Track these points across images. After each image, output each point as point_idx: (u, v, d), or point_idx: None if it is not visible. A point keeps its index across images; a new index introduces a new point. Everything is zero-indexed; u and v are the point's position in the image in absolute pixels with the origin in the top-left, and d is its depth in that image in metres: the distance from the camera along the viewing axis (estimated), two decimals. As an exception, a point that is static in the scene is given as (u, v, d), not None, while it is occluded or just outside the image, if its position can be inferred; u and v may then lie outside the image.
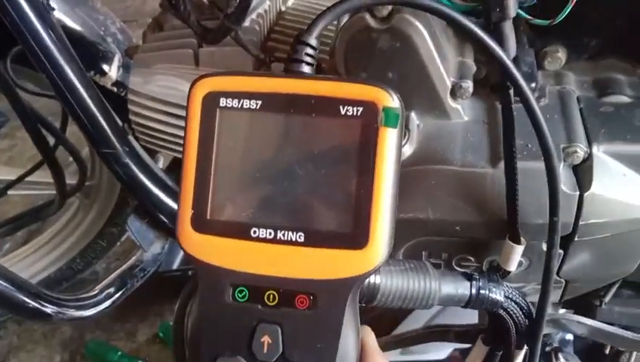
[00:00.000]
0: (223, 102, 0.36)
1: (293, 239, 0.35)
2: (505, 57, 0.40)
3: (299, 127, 0.35)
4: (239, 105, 0.36)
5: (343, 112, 0.35)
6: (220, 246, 0.36)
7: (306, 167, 0.35)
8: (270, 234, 0.35)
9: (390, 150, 0.34)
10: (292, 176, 0.35)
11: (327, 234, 0.35)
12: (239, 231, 0.36)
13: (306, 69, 0.39)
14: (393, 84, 0.54)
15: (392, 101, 0.35)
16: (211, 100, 0.36)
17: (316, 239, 0.35)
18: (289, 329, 0.36)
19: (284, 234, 0.35)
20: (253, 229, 0.36)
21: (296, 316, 0.36)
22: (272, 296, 0.36)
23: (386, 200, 0.34)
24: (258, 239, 0.36)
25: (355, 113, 0.35)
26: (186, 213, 0.36)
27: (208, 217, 0.36)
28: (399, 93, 0.46)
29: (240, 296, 0.36)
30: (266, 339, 0.36)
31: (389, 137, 0.34)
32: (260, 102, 0.36)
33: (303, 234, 0.35)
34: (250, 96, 0.36)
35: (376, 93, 0.35)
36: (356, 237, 0.34)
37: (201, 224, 0.36)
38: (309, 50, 0.39)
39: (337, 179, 0.35)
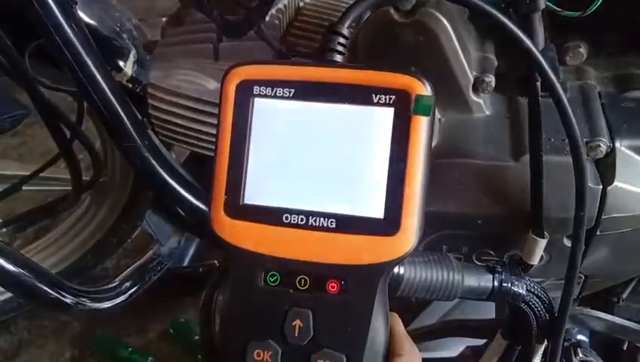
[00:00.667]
0: (256, 89, 0.36)
1: (325, 225, 0.36)
2: (535, 50, 0.41)
3: (332, 114, 0.36)
4: (273, 93, 0.36)
5: (375, 100, 0.35)
6: (253, 231, 0.36)
7: (338, 154, 0.36)
8: (302, 220, 0.36)
9: (422, 138, 0.35)
10: (324, 163, 0.36)
11: (358, 220, 0.35)
12: (271, 216, 0.36)
13: (338, 57, 0.39)
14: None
15: (424, 89, 0.35)
16: (245, 88, 0.37)
17: (347, 225, 0.35)
18: (320, 314, 0.36)
19: (315, 220, 0.36)
20: (285, 215, 0.36)
21: (327, 300, 0.36)
22: (303, 280, 0.36)
23: (418, 188, 0.35)
24: (290, 225, 0.36)
25: (387, 101, 0.35)
26: (220, 199, 0.37)
27: (241, 203, 0.37)
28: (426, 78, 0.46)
29: (272, 280, 0.37)
30: (297, 323, 0.36)
31: (421, 125, 0.35)
32: (293, 91, 0.36)
33: (334, 220, 0.35)
34: (283, 84, 0.36)
35: (409, 81, 0.35)
36: (388, 223, 0.35)
37: (234, 210, 0.37)
38: (341, 40, 0.39)
39: (369, 167, 0.35)
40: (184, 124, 0.69)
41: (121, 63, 0.96)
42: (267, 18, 0.66)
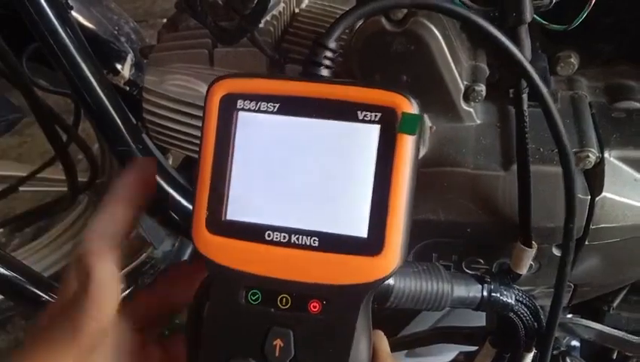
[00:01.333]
0: (240, 104, 0.36)
1: (308, 243, 0.35)
2: (524, 60, 0.41)
3: (316, 130, 0.35)
4: (256, 108, 0.36)
5: (360, 117, 0.35)
6: (234, 248, 0.36)
7: (322, 171, 0.35)
8: (284, 237, 0.35)
9: (408, 157, 0.34)
10: (308, 181, 0.35)
11: (341, 239, 0.35)
12: (253, 233, 0.36)
13: (325, 72, 0.38)
14: (407, 87, 0.55)
15: (411, 107, 0.34)
16: (229, 102, 0.36)
17: (330, 244, 0.35)
18: (301, 334, 0.36)
19: (298, 238, 0.35)
20: (268, 232, 0.36)
21: (308, 320, 0.36)
22: (285, 299, 0.36)
23: (403, 208, 0.34)
24: (272, 242, 0.35)
25: (373, 118, 0.34)
26: (201, 214, 0.36)
27: (223, 219, 0.36)
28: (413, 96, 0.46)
29: (253, 298, 0.36)
30: (278, 343, 0.36)
31: (407, 144, 0.34)
32: (277, 105, 0.36)
33: (317, 239, 0.35)
34: (267, 98, 0.36)
35: (395, 98, 0.35)
36: (371, 243, 0.34)
37: (215, 226, 0.36)
38: (328, 54, 0.39)
39: (353, 185, 0.35)
40: (178, 128, 0.69)
41: (119, 66, 0.97)
42: (262, 24, 0.67)
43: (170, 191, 0.72)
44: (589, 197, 0.51)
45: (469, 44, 0.59)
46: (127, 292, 0.75)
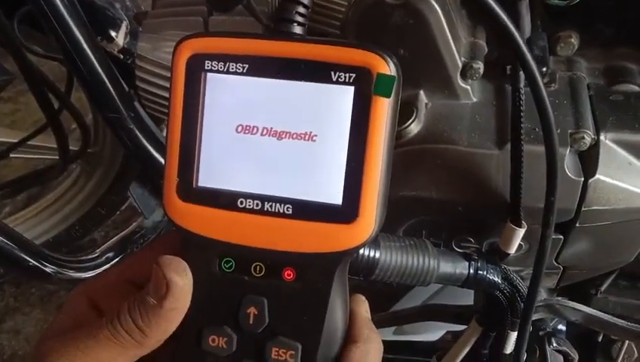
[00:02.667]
0: (208, 65, 0.34)
1: (281, 211, 0.34)
2: (518, 36, 0.40)
3: (288, 93, 0.34)
4: (225, 69, 0.34)
5: (334, 78, 0.33)
6: (206, 216, 0.35)
7: (294, 136, 0.34)
8: (257, 205, 0.34)
9: (384, 120, 0.33)
10: (280, 146, 0.34)
11: (315, 206, 0.34)
12: (225, 201, 0.35)
13: (297, 29, 0.36)
14: (404, 61, 0.54)
15: (387, 67, 0.32)
16: (196, 63, 0.34)
17: (304, 212, 0.34)
18: (275, 301, 0.35)
19: (271, 206, 0.34)
20: (240, 200, 0.34)
21: (282, 288, 0.35)
22: (258, 267, 0.35)
23: (379, 174, 0.33)
24: (245, 210, 0.34)
25: (347, 79, 0.33)
26: (172, 181, 0.35)
27: (194, 186, 0.35)
28: (410, 71, 0.45)
29: (226, 266, 0.36)
30: (252, 310, 0.35)
31: (382, 107, 0.32)
32: (246, 66, 0.34)
33: (290, 206, 0.34)
34: (236, 59, 0.34)
35: (370, 58, 0.32)
36: (346, 211, 0.33)
37: (186, 193, 0.35)
38: (301, 9, 0.36)
39: (327, 150, 0.33)
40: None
41: (113, 34, 0.95)
42: (259, -7, 0.66)
43: (162, 160, 0.72)
44: (582, 178, 0.51)
45: (468, 21, 0.58)
46: (117, 259, 0.76)
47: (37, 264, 0.61)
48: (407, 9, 0.50)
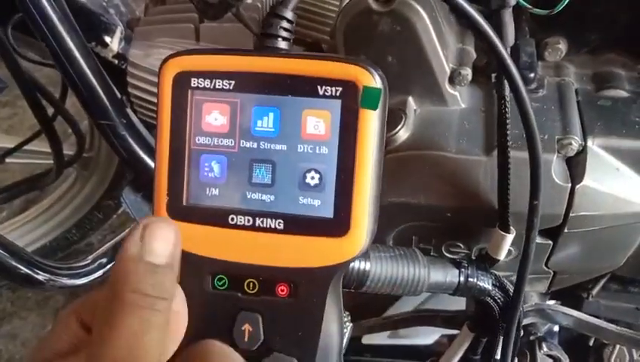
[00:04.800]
0: (194, 82, 0.34)
1: (272, 226, 0.34)
2: (499, 44, 0.40)
3: (274, 108, 0.34)
4: (211, 86, 0.34)
5: (321, 92, 0.33)
6: (197, 233, 0.35)
7: (283, 151, 0.34)
8: (248, 221, 0.34)
9: (372, 132, 0.33)
10: (270, 161, 0.34)
11: (306, 221, 0.34)
12: (216, 218, 0.35)
13: (282, 44, 0.36)
14: (392, 68, 0.54)
15: (373, 80, 0.33)
16: (182, 81, 0.34)
17: (295, 226, 0.34)
18: (270, 318, 0.35)
19: (262, 221, 0.34)
20: (231, 216, 0.34)
21: (276, 304, 0.35)
22: (251, 284, 0.35)
23: (368, 187, 0.33)
24: (236, 226, 0.34)
25: (334, 93, 0.33)
26: (162, 200, 0.35)
27: (184, 204, 0.35)
28: (398, 77, 0.45)
29: (219, 284, 0.35)
30: (247, 327, 0.35)
31: (369, 119, 0.33)
32: (233, 82, 0.34)
33: (282, 221, 0.34)
34: (222, 75, 0.34)
35: (356, 71, 0.33)
36: (337, 224, 0.33)
37: (176, 211, 0.35)
38: (285, 24, 0.36)
39: (317, 163, 0.34)
40: (162, 104, 0.68)
41: (107, 39, 0.95)
42: (249, 0, 0.66)
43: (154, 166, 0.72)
44: (570, 184, 0.51)
45: (457, 28, 0.59)
46: (110, 265, 0.76)
47: (29, 272, 0.61)
48: (395, 16, 0.50)
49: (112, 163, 1.24)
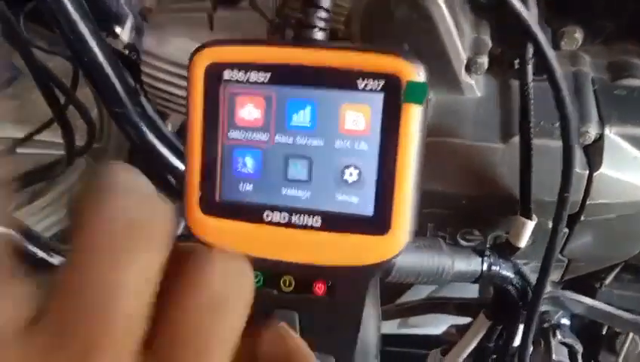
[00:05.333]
0: (227, 74, 0.33)
1: (309, 224, 0.33)
2: (533, 23, 0.40)
3: (312, 102, 0.32)
4: (246, 79, 0.33)
5: (361, 86, 0.31)
6: (231, 230, 0.34)
7: (320, 146, 0.33)
8: (284, 218, 0.33)
9: (415, 128, 0.31)
10: (306, 156, 0.33)
11: (345, 218, 0.32)
12: (251, 214, 0.33)
13: (319, 35, 0.35)
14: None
15: (417, 75, 0.31)
16: (215, 72, 0.33)
17: (334, 224, 0.32)
18: (306, 316, 0.34)
19: (299, 218, 0.33)
20: (266, 212, 0.33)
21: (314, 302, 0.34)
22: (287, 281, 0.34)
23: (410, 184, 0.32)
24: (271, 223, 0.33)
25: (375, 87, 0.31)
26: (194, 194, 0.34)
27: (217, 199, 0.34)
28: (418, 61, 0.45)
29: (255, 281, 0.33)
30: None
31: (413, 114, 0.31)
32: (268, 75, 0.32)
33: (319, 218, 0.33)
34: (257, 67, 0.33)
35: (399, 65, 0.31)
36: (377, 222, 0.32)
37: (210, 206, 0.34)
38: (322, 14, 0.34)
39: (356, 159, 0.32)
40: (177, 92, 0.69)
41: (118, 29, 0.95)
42: (264, -12, 0.66)
43: (167, 154, 0.72)
44: (587, 172, 0.51)
45: (472, 16, 0.58)
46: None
47: (45, 256, 0.62)
48: (411, 3, 0.50)
49: (122, 153, 1.24)
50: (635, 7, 0.56)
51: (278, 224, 0.33)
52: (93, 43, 0.64)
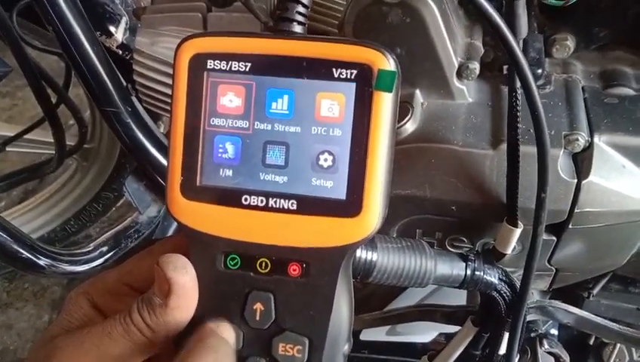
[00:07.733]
0: (210, 64, 0.35)
1: (285, 207, 0.35)
2: (511, 37, 0.40)
3: (290, 90, 0.34)
4: (227, 68, 0.35)
5: (336, 75, 0.34)
6: (211, 213, 0.35)
7: (297, 133, 0.34)
8: (262, 201, 0.35)
9: (385, 115, 0.33)
10: (283, 142, 0.35)
11: (319, 201, 0.34)
12: (229, 198, 0.35)
13: (297, 28, 0.36)
14: (401, 60, 0.54)
15: (387, 63, 0.33)
16: (198, 62, 0.35)
17: (308, 207, 0.34)
18: (281, 297, 0.36)
19: (275, 202, 0.35)
20: (244, 196, 0.35)
21: (288, 284, 0.35)
22: (264, 263, 0.36)
23: (381, 168, 0.34)
24: (249, 206, 0.35)
25: (348, 76, 0.33)
26: (175, 180, 0.36)
27: (198, 184, 0.35)
28: (406, 70, 0.45)
29: (232, 263, 0.36)
30: (258, 307, 0.36)
31: (384, 101, 0.33)
32: (249, 65, 0.34)
33: (295, 202, 0.34)
34: (238, 58, 0.34)
35: (370, 54, 0.33)
36: (349, 205, 0.34)
37: (190, 191, 0.35)
38: (300, 9, 0.36)
39: (330, 145, 0.34)
40: (167, 92, 0.68)
41: (112, 29, 0.95)
42: (258, -10, 0.66)
43: (158, 155, 0.72)
44: (576, 180, 0.51)
45: (465, 22, 0.59)
46: (110, 253, 0.76)
47: (30, 256, 0.61)
48: (405, 8, 0.50)
49: (113, 154, 1.24)
50: (633, 14, 0.56)
51: (255, 208, 0.35)
52: (85, 41, 0.64)
